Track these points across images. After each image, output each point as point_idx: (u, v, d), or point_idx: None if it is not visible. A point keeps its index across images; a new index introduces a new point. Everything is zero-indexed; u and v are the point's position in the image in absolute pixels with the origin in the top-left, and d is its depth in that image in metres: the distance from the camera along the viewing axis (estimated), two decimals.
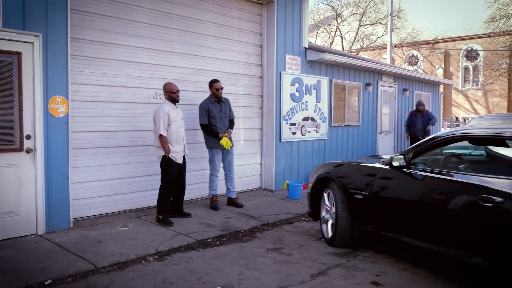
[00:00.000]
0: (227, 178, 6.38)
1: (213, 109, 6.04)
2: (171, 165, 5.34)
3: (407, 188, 3.98)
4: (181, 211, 5.72)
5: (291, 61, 7.96)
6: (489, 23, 24.92)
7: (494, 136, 3.67)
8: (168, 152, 5.26)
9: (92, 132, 5.55)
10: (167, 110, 5.28)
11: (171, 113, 5.31)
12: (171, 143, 5.32)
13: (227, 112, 6.23)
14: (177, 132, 5.34)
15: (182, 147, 5.44)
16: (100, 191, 5.67)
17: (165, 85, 5.47)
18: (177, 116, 5.39)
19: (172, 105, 5.42)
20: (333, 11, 31.22)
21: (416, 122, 10.58)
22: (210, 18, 6.87)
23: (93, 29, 5.48)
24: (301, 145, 8.34)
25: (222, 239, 5.07)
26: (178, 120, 5.38)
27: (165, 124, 5.23)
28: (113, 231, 5.07)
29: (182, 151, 5.47)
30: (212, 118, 6.05)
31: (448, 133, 3.91)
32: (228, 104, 6.28)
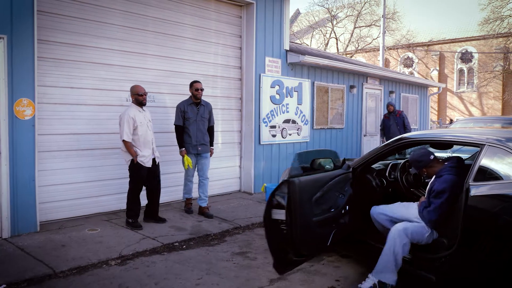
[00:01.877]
0: (199, 184, 6.10)
1: (188, 110, 5.87)
2: (140, 169, 5.24)
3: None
4: (156, 216, 5.63)
5: (271, 63, 7.93)
6: (483, 25, 24.97)
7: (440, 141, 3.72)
8: (135, 156, 5.18)
9: (62, 135, 5.51)
10: (132, 114, 5.17)
11: (137, 116, 5.20)
12: (139, 147, 5.23)
13: (205, 117, 6.00)
14: (144, 136, 5.25)
15: (150, 150, 5.34)
16: (70, 194, 5.63)
17: (132, 87, 5.37)
18: (143, 119, 5.29)
19: (139, 108, 5.30)
20: (328, 13, 31.23)
21: (389, 125, 9.97)
22: (187, 20, 6.84)
23: (63, 31, 5.44)
24: (282, 148, 8.30)
25: (189, 242, 5.03)
26: (145, 124, 5.28)
27: (130, 129, 5.12)
28: (80, 234, 5.03)
29: (151, 154, 5.37)
30: (186, 120, 5.87)
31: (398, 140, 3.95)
32: (208, 109, 6.07)
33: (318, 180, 3.65)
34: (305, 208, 3.40)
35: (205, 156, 6.06)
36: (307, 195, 3.44)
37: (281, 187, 3.49)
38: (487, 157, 3.15)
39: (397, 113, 9.91)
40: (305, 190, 3.42)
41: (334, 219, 3.75)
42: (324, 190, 3.62)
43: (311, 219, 3.47)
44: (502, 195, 2.96)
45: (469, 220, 3.07)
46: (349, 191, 3.91)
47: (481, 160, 3.16)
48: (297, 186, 3.35)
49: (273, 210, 3.50)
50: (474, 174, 3.13)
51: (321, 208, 3.59)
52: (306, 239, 3.44)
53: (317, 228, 3.51)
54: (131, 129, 5.14)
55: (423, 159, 3.73)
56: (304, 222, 3.40)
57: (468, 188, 3.09)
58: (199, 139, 5.92)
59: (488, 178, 3.11)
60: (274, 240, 3.53)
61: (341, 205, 3.80)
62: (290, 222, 3.38)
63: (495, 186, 3.01)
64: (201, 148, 5.95)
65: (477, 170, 3.14)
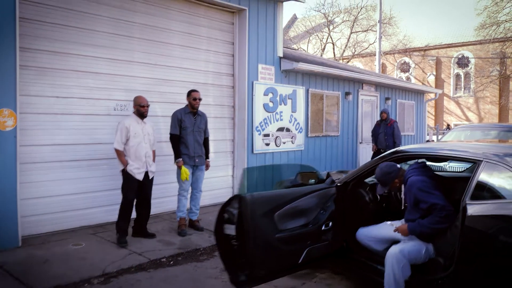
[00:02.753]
0: (192, 196, 5.82)
1: (186, 119, 5.56)
2: (129, 180, 5.07)
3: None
4: (145, 231, 5.40)
5: (264, 70, 7.78)
6: (479, 30, 24.95)
7: (436, 155, 3.57)
8: (125, 165, 5.02)
9: (46, 146, 5.33)
10: (128, 123, 5.04)
11: (133, 127, 5.05)
12: (129, 158, 5.06)
13: (202, 127, 5.72)
14: (135, 148, 5.06)
15: (142, 163, 5.13)
16: (55, 207, 5.44)
17: (135, 98, 5.23)
18: (140, 131, 5.11)
19: (137, 119, 5.14)
20: (325, 18, 31.19)
21: (378, 133, 9.47)
22: (176, 26, 6.68)
23: (47, 39, 5.28)
24: (276, 157, 8.13)
25: (177, 258, 4.85)
26: (140, 136, 5.09)
27: (122, 138, 4.99)
28: (63, 249, 4.84)
29: (143, 167, 5.16)
30: (183, 130, 5.55)
31: (393, 153, 3.80)
32: (204, 119, 5.80)
33: (282, 195, 3.53)
34: (260, 224, 3.27)
35: (201, 169, 5.78)
36: (263, 211, 3.31)
37: (231, 202, 3.39)
38: (485, 174, 2.98)
39: (389, 122, 9.39)
40: (261, 206, 3.30)
41: (310, 236, 3.60)
42: (294, 206, 3.48)
43: (272, 236, 3.33)
44: (502, 216, 2.79)
45: (466, 240, 2.90)
46: (332, 207, 3.75)
47: (478, 177, 2.99)
48: (249, 201, 3.25)
49: (224, 224, 3.42)
50: (471, 192, 2.96)
51: (290, 224, 3.44)
52: (263, 256, 3.30)
53: (281, 245, 3.36)
54: (123, 138, 5.00)
55: (393, 169, 3.59)
56: (260, 239, 3.26)
57: (465, 207, 2.92)
58: (197, 151, 5.64)
59: (486, 197, 2.94)
60: (226, 255, 3.43)
61: (322, 221, 3.64)
62: (242, 239, 3.25)
63: (494, 205, 2.84)
64: (198, 160, 5.66)
65: (474, 188, 2.97)
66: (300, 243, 3.50)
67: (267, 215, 3.30)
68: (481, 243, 2.86)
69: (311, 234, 3.58)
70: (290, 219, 3.46)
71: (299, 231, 3.49)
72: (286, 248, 3.39)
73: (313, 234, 3.60)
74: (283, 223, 3.40)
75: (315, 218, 3.65)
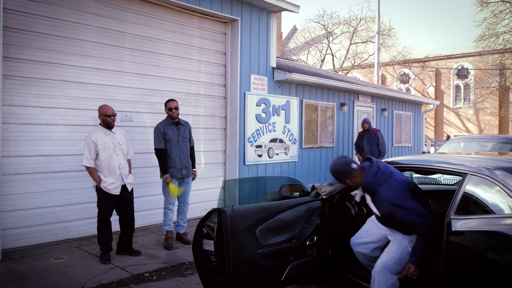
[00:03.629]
0: (179, 210, 5.65)
1: (169, 131, 5.39)
2: (105, 197, 4.81)
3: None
4: (130, 248, 5.16)
5: (257, 81, 7.71)
6: (478, 41, 24.96)
7: (423, 168, 3.45)
8: (98, 182, 4.77)
9: (30, 157, 5.23)
10: (95, 137, 4.70)
11: (101, 140, 4.72)
12: (102, 173, 4.78)
13: (186, 136, 5.55)
14: (108, 161, 4.73)
15: (116, 176, 4.80)
16: (38, 219, 5.33)
17: (99, 107, 4.85)
18: (109, 142, 4.78)
19: (105, 130, 4.81)
20: (324, 30, 31.29)
21: (362, 144, 9.24)
22: (168, 37, 6.63)
23: (34, 49, 5.21)
24: (268, 168, 8.02)
25: (162, 273, 4.71)
26: (110, 148, 4.77)
27: (91, 153, 4.70)
28: (44, 264, 4.71)
29: (119, 181, 4.88)
30: (167, 142, 5.38)
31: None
32: (188, 128, 5.62)
33: (264, 209, 3.39)
34: (241, 239, 3.13)
35: (188, 181, 5.62)
36: (245, 225, 3.17)
37: (210, 216, 3.27)
38: (471, 187, 2.87)
39: (372, 132, 9.14)
40: (242, 220, 3.16)
41: (293, 251, 3.47)
42: (277, 220, 3.35)
43: (253, 252, 3.19)
44: (490, 232, 2.65)
45: (451, 257, 2.78)
46: (317, 221, 3.63)
47: (463, 190, 2.88)
48: (229, 215, 3.10)
49: (203, 240, 3.29)
50: (456, 206, 2.84)
51: (273, 239, 3.30)
52: (244, 274, 3.16)
53: (263, 261, 3.23)
54: (92, 154, 4.70)
55: (345, 169, 3.22)
56: (241, 255, 3.13)
57: (449, 222, 2.80)
58: (183, 162, 5.48)
59: (471, 211, 2.82)
60: (205, 273, 3.31)
61: (306, 236, 3.52)
62: (222, 255, 3.11)
63: (482, 221, 2.71)
64: (185, 171, 5.51)
65: (460, 201, 2.86)
66: (283, 259, 3.37)
67: (248, 230, 3.18)
68: (466, 260, 2.73)
69: (295, 249, 3.46)
70: (273, 234, 3.34)
71: (282, 246, 3.37)
72: (268, 265, 3.26)
73: (297, 249, 3.47)
74: (266, 238, 3.28)
75: (299, 233, 3.53)
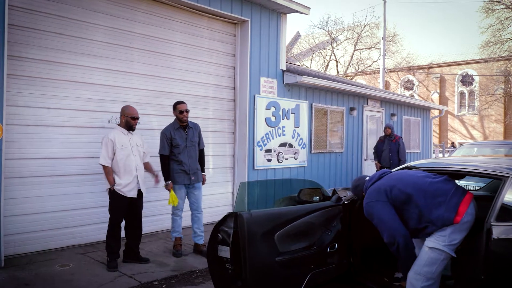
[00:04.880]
0: (193, 219, 5.36)
1: (177, 136, 5.12)
2: (118, 200, 4.65)
3: None
4: (137, 255, 4.94)
5: (267, 84, 7.53)
6: (483, 48, 24.82)
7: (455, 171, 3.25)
8: (112, 184, 4.61)
9: (35, 159, 5.04)
10: (113, 136, 4.64)
11: (119, 139, 4.66)
12: (117, 174, 4.65)
13: (195, 140, 5.28)
14: (124, 161, 4.64)
15: (132, 178, 4.72)
16: (43, 224, 5.13)
17: (124, 107, 4.81)
18: (127, 143, 4.69)
19: (123, 131, 4.73)
20: (328, 36, 31.20)
21: (382, 150, 8.95)
22: (177, 37, 6.47)
23: (40, 47, 5.04)
24: (278, 173, 7.82)
25: (171, 281, 4.50)
26: (127, 148, 4.67)
27: (108, 152, 4.59)
28: (48, 271, 4.50)
29: (135, 183, 4.74)
30: (175, 148, 5.10)
31: (404, 168, 3.49)
32: (197, 131, 5.34)
33: (283, 213, 3.19)
34: (258, 245, 2.92)
35: (198, 187, 5.34)
36: (263, 231, 2.96)
37: (226, 221, 3.06)
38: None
39: (394, 138, 8.86)
40: (260, 225, 2.96)
41: (313, 259, 3.26)
42: (296, 225, 3.14)
43: (272, 259, 2.98)
44: None
45: (491, 266, 2.57)
46: (338, 227, 3.42)
47: (504, 195, 2.67)
48: (246, 220, 2.89)
49: (218, 246, 3.09)
50: (496, 212, 2.64)
51: (292, 246, 3.09)
52: (261, 282, 2.94)
53: (282, 269, 3.01)
54: (109, 153, 4.59)
55: (359, 182, 3.45)
56: (258, 262, 2.91)
57: (489, 229, 2.59)
58: (192, 167, 5.20)
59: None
60: (220, 281, 3.10)
61: (327, 243, 3.31)
62: (238, 262, 2.90)
63: None
64: (194, 177, 5.23)
65: (500, 207, 2.65)
66: (303, 267, 3.17)
67: (266, 236, 2.98)
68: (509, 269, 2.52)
69: (315, 257, 3.25)
70: (292, 240, 3.14)
71: (302, 254, 3.16)
72: (287, 273, 3.05)
73: (317, 257, 3.27)
74: (284, 244, 3.07)
75: (320, 239, 3.33)
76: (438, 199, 2.84)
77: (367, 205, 3.13)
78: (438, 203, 2.83)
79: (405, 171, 3.34)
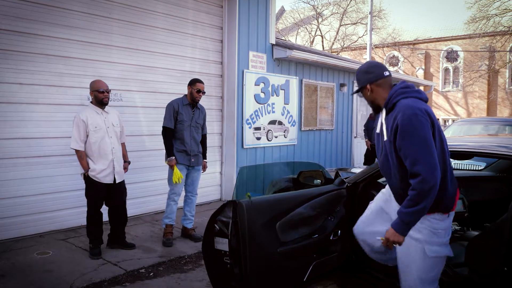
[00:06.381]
0: (186, 201, 5.05)
1: (183, 112, 4.77)
2: (93, 186, 4.23)
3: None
4: (123, 241, 4.63)
5: (256, 58, 7.18)
6: (469, 24, 24.67)
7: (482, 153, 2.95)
8: (86, 170, 4.22)
9: (8, 140, 4.65)
10: (85, 116, 4.15)
11: (92, 119, 4.18)
12: (91, 158, 4.22)
13: (200, 122, 4.95)
14: (99, 144, 4.19)
15: (108, 163, 4.26)
16: (19, 209, 4.78)
17: (91, 83, 4.38)
18: (102, 123, 4.24)
19: (97, 109, 4.27)
20: (314, 10, 30.62)
21: (373, 127, 8.99)
22: (159, 8, 6.03)
23: (10, 17, 4.59)
24: (267, 152, 7.56)
25: (158, 268, 4.24)
26: (103, 129, 4.24)
27: (80, 134, 4.14)
28: (27, 260, 4.19)
29: (111, 168, 4.28)
30: (179, 123, 4.76)
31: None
32: (203, 114, 5.02)
33: (285, 200, 2.91)
34: (259, 236, 2.66)
35: (198, 169, 5.00)
36: (264, 220, 2.70)
37: (224, 210, 2.78)
38: None
39: None
40: (261, 214, 2.68)
41: (316, 247, 3.02)
42: (299, 212, 2.88)
43: (273, 250, 2.73)
44: None
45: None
46: (342, 212, 3.17)
47: None
48: (247, 208, 2.62)
49: (215, 238, 2.79)
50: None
51: (293, 234, 2.84)
52: (263, 276, 2.69)
53: (284, 260, 2.77)
54: (81, 135, 4.15)
55: (374, 70, 2.48)
56: (259, 255, 2.66)
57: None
58: (193, 149, 4.86)
59: None
60: (218, 276, 2.84)
61: (330, 230, 3.07)
62: (238, 255, 2.65)
63: None
64: (194, 159, 4.88)
65: None
66: (305, 257, 2.92)
67: (267, 225, 2.71)
68: None
69: (318, 245, 3.01)
70: (293, 229, 2.88)
71: (304, 243, 2.91)
72: (289, 264, 2.80)
73: (320, 245, 3.02)
74: (286, 233, 2.81)
75: (322, 226, 3.07)
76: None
77: (414, 115, 2.22)
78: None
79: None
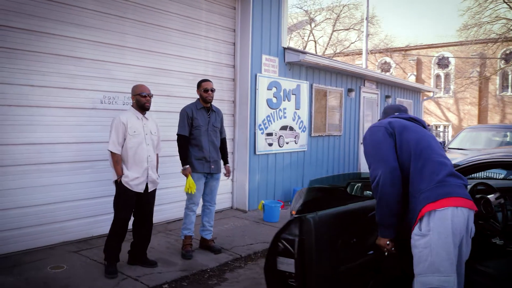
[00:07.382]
0: (204, 211, 4.78)
1: (198, 117, 4.55)
2: (125, 194, 3.96)
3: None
4: (144, 258, 4.26)
5: (268, 62, 6.97)
6: (462, 31, 24.90)
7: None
8: (119, 175, 3.94)
9: (17, 146, 4.35)
10: (125, 119, 3.96)
11: (131, 123, 3.98)
12: (126, 164, 3.98)
13: (217, 126, 4.72)
14: (135, 150, 3.96)
15: (142, 170, 4.01)
16: (29, 219, 4.47)
17: (134, 86, 4.18)
18: (141, 129, 4.04)
19: (137, 113, 4.08)
20: (307, 16, 30.60)
21: None
22: (173, 8, 5.79)
23: (21, 14, 4.30)
24: (278, 158, 7.34)
25: (182, 283, 3.98)
26: (141, 135, 4.02)
27: (119, 138, 3.93)
28: (40, 275, 3.89)
29: (144, 177, 4.04)
30: (195, 129, 4.52)
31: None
32: (220, 116, 4.79)
33: (349, 213, 2.72)
34: (325, 255, 2.45)
35: (217, 177, 4.75)
36: (329, 237, 2.49)
37: (290, 227, 2.54)
38: None
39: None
40: (327, 230, 2.47)
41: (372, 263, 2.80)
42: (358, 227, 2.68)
43: (337, 269, 2.52)
44: None
45: None
46: None
47: None
48: (313, 224, 2.40)
49: (278, 258, 2.55)
50: None
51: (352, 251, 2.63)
52: None
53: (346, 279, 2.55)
54: (119, 138, 3.92)
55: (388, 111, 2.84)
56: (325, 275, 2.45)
57: None
58: (212, 155, 4.61)
59: None
60: None
61: None
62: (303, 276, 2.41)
63: None
64: (214, 166, 4.63)
65: None
66: (363, 275, 2.70)
67: (332, 242, 2.48)
68: None
69: (373, 261, 2.79)
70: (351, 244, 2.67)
71: (362, 260, 2.69)
72: (350, 284, 2.58)
73: (375, 261, 2.81)
74: (347, 250, 2.60)
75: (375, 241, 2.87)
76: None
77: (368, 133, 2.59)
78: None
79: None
